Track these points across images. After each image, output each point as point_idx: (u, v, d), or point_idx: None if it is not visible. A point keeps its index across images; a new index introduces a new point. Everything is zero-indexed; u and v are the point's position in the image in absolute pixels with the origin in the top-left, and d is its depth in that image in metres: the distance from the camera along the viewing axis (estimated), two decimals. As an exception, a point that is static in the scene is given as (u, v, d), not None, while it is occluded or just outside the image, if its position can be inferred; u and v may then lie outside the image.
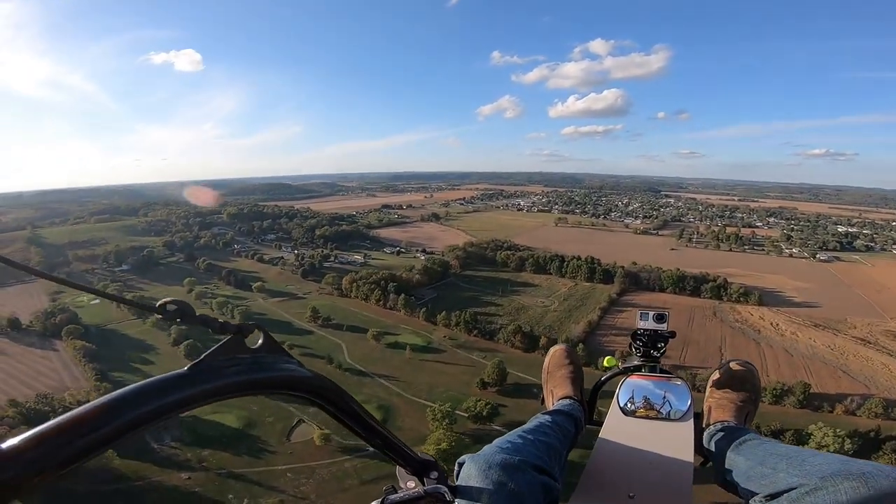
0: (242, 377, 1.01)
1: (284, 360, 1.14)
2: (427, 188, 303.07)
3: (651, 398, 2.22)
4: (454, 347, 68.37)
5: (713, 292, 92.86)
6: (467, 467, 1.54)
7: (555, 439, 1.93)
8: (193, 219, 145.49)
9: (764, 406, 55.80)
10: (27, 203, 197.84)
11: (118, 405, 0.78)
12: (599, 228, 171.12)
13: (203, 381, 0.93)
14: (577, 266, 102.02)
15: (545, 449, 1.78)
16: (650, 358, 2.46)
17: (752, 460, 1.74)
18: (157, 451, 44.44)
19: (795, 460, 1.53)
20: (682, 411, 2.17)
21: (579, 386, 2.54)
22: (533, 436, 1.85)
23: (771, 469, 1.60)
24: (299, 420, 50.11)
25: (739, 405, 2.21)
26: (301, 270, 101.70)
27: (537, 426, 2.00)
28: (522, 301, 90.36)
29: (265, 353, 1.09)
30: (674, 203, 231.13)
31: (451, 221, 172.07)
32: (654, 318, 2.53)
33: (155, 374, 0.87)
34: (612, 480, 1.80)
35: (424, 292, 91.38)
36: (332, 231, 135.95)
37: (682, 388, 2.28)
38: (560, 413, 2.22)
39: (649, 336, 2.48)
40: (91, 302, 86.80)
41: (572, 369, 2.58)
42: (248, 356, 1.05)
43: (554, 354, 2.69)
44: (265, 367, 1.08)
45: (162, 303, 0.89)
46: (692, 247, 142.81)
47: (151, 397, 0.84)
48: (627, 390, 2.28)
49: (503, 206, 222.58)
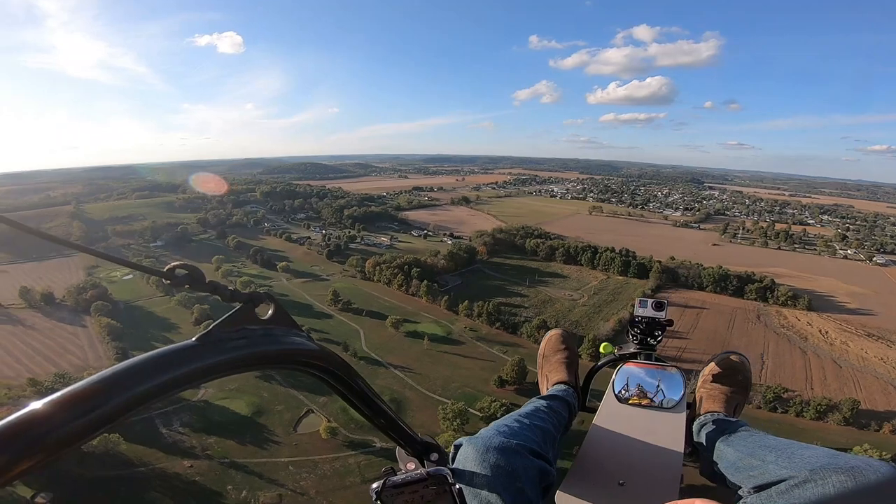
0: (252, 350, 0.98)
1: (294, 333, 1.11)
2: (459, 171, 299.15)
3: (645, 386, 2.22)
4: (474, 340, 65.50)
5: (758, 294, 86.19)
6: (465, 450, 1.55)
7: (550, 424, 1.95)
8: (227, 196, 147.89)
9: (804, 422, 51.17)
10: (77, 179, 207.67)
11: (121, 380, 0.74)
12: (636, 219, 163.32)
13: (212, 354, 0.89)
14: (611, 258, 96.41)
15: (541, 433, 1.80)
16: (646, 346, 2.45)
17: (742, 451, 1.74)
18: (165, 436, 44.25)
19: (785, 452, 1.54)
20: (674, 401, 2.16)
21: (574, 371, 2.52)
22: (529, 420, 1.87)
23: (760, 461, 1.60)
24: (308, 410, 48.93)
25: (730, 396, 2.22)
26: (326, 251, 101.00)
27: (533, 410, 2.01)
28: (550, 293, 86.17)
29: (275, 325, 1.06)
30: (718, 195, 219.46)
31: (481, 206, 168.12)
32: (652, 305, 2.51)
33: None
34: (603, 467, 1.84)
35: (448, 279, 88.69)
36: (361, 212, 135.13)
37: (676, 377, 2.26)
38: (555, 398, 2.22)
39: (647, 324, 2.46)
40: (123, 277, 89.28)
41: (567, 354, 2.58)
42: (259, 328, 1.02)
43: (550, 339, 2.68)
44: (276, 340, 1.05)
45: (171, 267, 0.86)
46: (737, 243, 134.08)
47: (158, 370, 0.80)
48: (622, 377, 2.27)
49: (536, 191, 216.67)
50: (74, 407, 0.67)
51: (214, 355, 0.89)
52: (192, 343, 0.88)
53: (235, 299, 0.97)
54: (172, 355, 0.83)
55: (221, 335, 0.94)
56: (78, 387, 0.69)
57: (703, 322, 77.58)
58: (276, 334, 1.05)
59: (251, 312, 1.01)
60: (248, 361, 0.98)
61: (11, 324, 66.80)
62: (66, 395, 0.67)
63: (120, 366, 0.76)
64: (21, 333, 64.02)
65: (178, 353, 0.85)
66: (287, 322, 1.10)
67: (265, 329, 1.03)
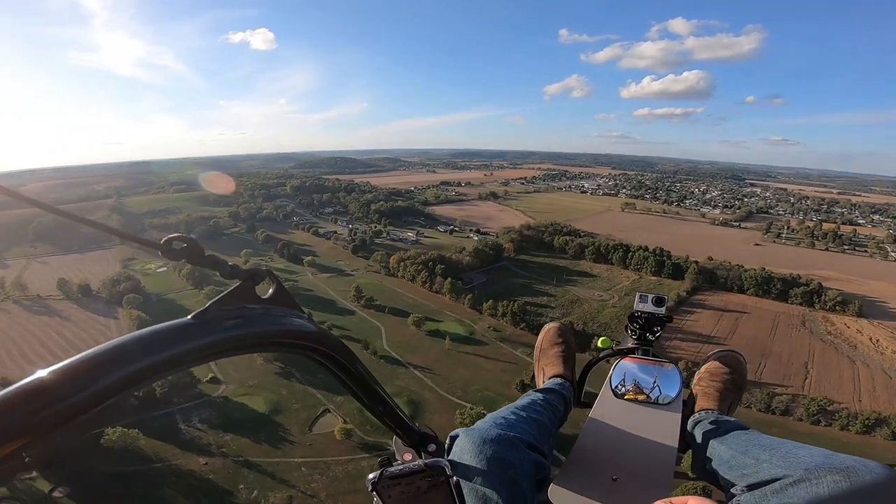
0: (250, 329, 0.94)
1: (295, 314, 1.07)
2: (488, 166, 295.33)
3: (641, 382, 2.21)
4: (498, 340, 63.47)
5: (804, 298, 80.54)
6: (461, 441, 1.55)
7: (546, 417, 1.96)
8: (259, 190, 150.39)
9: (848, 435, 47.68)
10: (120, 173, 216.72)
11: (113, 358, 0.70)
12: (671, 216, 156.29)
13: (208, 333, 0.85)
14: (644, 257, 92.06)
15: (537, 427, 1.81)
16: (645, 341, 2.43)
17: (735, 449, 1.72)
18: (184, 432, 44.65)
19: (779, 451, 1.53)
20: (670, 397, 2.14)
21: (571, 365, 2.51)
22: (525, 413, 1.87)
23: (754, 459, 1.59)
24: (325, 410, 48.34)
25: (724, 394, 2.21)
26: (352, 246, 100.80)
27: (530, 403, 2.00)
28: (578, 293, 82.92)
29: (276, 305, 1.02)
30: (760, 193, 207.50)
31: (509, 201, 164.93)
32: (653, 301, 2.49)
33: None
34: (597, 461, 1.84)
35: (473, 276, 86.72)
36: (388, 206, 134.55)
37: (673, 373, 2.24)
38: (551, 391, 2.22)
39: (646, 319, 2.45)
40: (157, 269, 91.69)
41: (565, 348, 2.56)
42: (259, 307, 0.98)
43: (548, 332, 2.65)
44: (275, 321, 1.00)
45: (168, 239, 0.81)
46: (781, 243, 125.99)
47: (152, 349, 0.75)
48: (620, 372, 2.26)
49: (566, 187, 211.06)
50: (66, 385, 0.63)
51: (211, 334, 0.85)
52: (187, 321, 0.84)
53: (235, 276, 0.93)
54: (167, 333, 0.80)
55: (219, 313, 0.89)
56: (66, 364, 0.66)
57: (743, 327, 73.01)
58: (276, 314, 1.01)
59: (251, 290, 0.96)
60: (246, 341, 0.94)
61: (48, 315, 69.44)
62: (56, 373, 0.64)
63: (112, 343, 0.72)
64: (56, 325, 66.39)
65: (174, 331, 0.81)
66: (288, 302, 1.05)
67: (265, 308, 0.99)
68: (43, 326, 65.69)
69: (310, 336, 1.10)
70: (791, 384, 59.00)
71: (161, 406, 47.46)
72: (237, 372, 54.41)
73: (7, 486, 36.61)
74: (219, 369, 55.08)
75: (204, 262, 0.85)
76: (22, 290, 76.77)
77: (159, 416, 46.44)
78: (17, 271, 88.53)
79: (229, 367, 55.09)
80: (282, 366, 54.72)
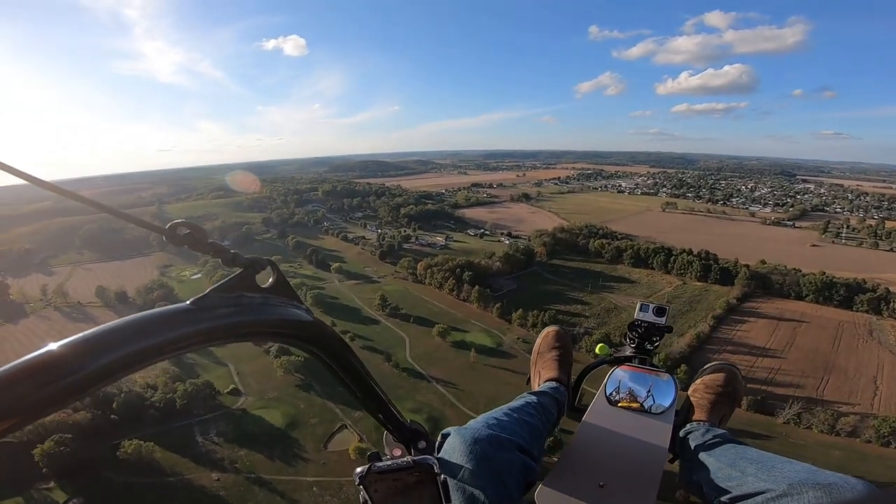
0: (248, 318, 0.94)
1: (294, 305, 1.07)
2: (520, 167, 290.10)
3: (636, 390, 2.21)
4: (527, 353, 58.81)
5: (871, 305, 72.29)
6: (452, 440, 1.56)
7: (538, 421, 1.96)
8: (291, 196, 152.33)
9: None
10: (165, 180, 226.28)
11: (111, 340, 0.71)
12: (717, 216, 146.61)
13: (206, 319, 0.85)
14: (688, 261, 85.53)
15: (529, 429, 1.82)
16: (643, 350, 2.45)
17: (722, 462, 1.73)
18: (200, 445, 43.89)
19: (765, 465, 1.55)
20: (663, 406, 2.15)
21: (567, 370, 2.50)
22: (518, 414, 1.87)
23: (740, 472, 1.60)
24: (342, 426, 46.50)
25: (717, 406, 2.19)
26: (379, 252, 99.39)
27: (523, 405, 2.00)
28: (615, 300, 77.83)
29: (275, 295, 1.02)
30: (814, 189, 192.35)
31: (542, 202, 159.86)
32: (654, 310, 2.52)
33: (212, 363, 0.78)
34: (586, 467, 1.85)
35: (503, 282, 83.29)
36: (417, 210, 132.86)
37: (668, 383, 2.25)
38: (545, 395, 2.21)
39: (646, 328, 2.47)
40: (192, 276, 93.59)
41: (562, 353, 2.55)
42: (258, 296, 0.98)
43: (546, 336, 2.65)
44: (273, 311, 1.00)
45: (172, 224, 0.82)
46: (840, 243, 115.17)
47: (150, 332, 0.76)
48: (615, 380, 2.27)
49: (602, 186, 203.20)
50: (57, 368, 0.63)
51: (208, 320, 0.85)
52: (186, 306, 0.84)
53: (236, 264, 0.94)
54: (165, 317, 0.80)
55: (217, 300, 0.89)
56: (67, 344, 0.66)
57: (802, 338, 66.14)
58: (274, 304, 1.01)
59: (251, 279, 0.96)
60: (243, 330, 0.94)
61: (86, 322, 71.39)
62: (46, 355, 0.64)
63: (110, 325, 0.72)
64: (93, 331, 68.00)
65: (171, 315, 0.81)
66: (287, 293, 1.05)
67: (264, 297, 0.99)
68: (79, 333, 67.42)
69: (307, 327, 1.09)
70: (858, 402, 52.63)
71: (181, 417, 47.11)
72: (258, 383, 53.56)
73: (24, 496, 36.78)
74: (240, 380, 54.51)
75: (206, 248, 0.86)
76: (63, 298, 79.60)
77: (178, 427, 46.04)
78: (61, 278, 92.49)
79: (250, 378, 54.42)
80: (302, 378, 53.42)
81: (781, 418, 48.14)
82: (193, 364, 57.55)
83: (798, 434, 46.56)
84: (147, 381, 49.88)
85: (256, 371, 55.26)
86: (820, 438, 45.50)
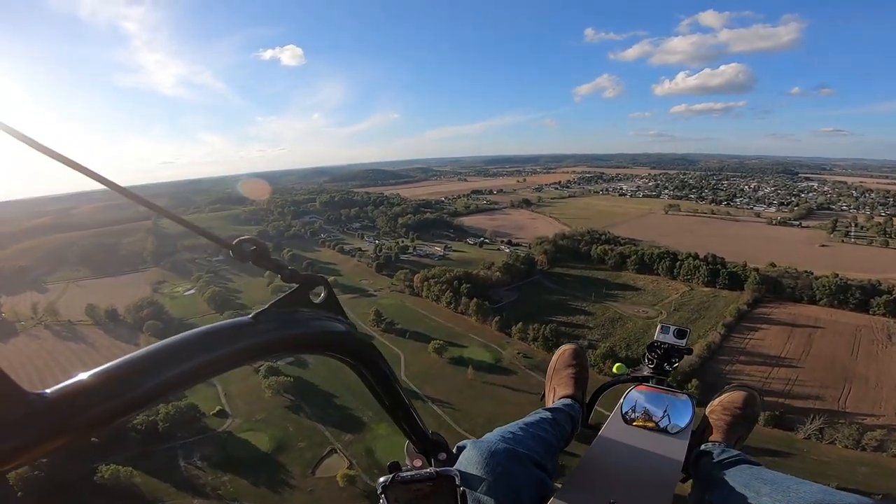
0: (301, 331, 0.99)
1: (340, 321, 1.12)
2: (520, 172, 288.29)
3: (652, 410, 2.20)
4: (527, 368, 57.24)
5: (888, 308, 68.96)
6: (468, 452, 1.59)
7: (552, 436, 1.98)
8: (288, 207, 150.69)
9: None
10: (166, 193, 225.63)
11: (177, 353, 0.74)
12: (722, 217, 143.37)
13: (265, 332, 0.90)
14: (694, 266, 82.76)
15: (544, 445, 1.85)
16: (661, 371, 2.45)
17: (736, 482, 1.73)
18: (182, 469, 41.89)
19: (780, 486, 1.56)
20: (679, 427, 2.13)
21: (582, 388, 2.51)
22: (534, 430, 1.91)
23: (754, 492, 1.60)
24: (331, 450, 44.13)
25: (733, 427, 2.19)
26: (375, 264, 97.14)
27: (538, 421, 2.02)
28: (620, 309, 75.17)
29: (325, 310, 1.08)
30: (818, 187, 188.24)
31: (542, 208, 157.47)
32: (674, 333, 2.54)
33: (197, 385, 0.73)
34: (597, 484, 1.83)
35: (503, 293, 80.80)
36: (416, 219, 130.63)
37: (685, 403, 2.23)
38: (560, 411, 2.23)
39: (665, 350, 2.48)
40: (185, 292, 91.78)
41: (578, 370, 2.56)
42: (310, 311, 1.04)
43: (563, 354, 2.66)
44: (323, 326, 1.06)
45: (239, 240, 0.86)
46: (850, 243, 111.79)
47: (215, 345, 0.80)
48: (632, 399, 2.27)
49: (603, 190, 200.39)
50: (124, 381, 0.65)
51: (267, 333, 0.90)
52: (248, 320, 0.89)
53: (294, 280, 0.99)
54: (231, 330, 0.84)
55: (275, 315, 0.95)
56: (127, 360, 0.68)
57: (818, 346, 63.25)
58: (325, 319, 1.06)
59: (305, 295, 1.02)
60: (295, 343, 1.00)
61: (75, 341, 69.60)
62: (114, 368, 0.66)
63: (179, 337, 0.75)
64: (81, 352, 66.04)
65: (236, 328, 0.85)
66: (335, 309, 1.11)
67: (316, 313, 1.05)
68: (67, 353, 65.58)
69: (351, 341, 1.16)
70: (882, 412, 49.58)
71: (165, 440, 44.94)
72: (245, 405, 51.30)
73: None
74: (228, 401, 52.27)
75: (269, 264, 0.91)
76: (54, 316, 77.80)
77: (161, 450, 43.96)
78: (54, 295, 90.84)
79: (238, 400, 52.17)
80: (292, 399, 51.20)
81: (802, 433, 45.41)
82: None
83: (820, 450, 43.81)
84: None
85: (245, 392, 52.99)
86: (844, 454, 43.01)
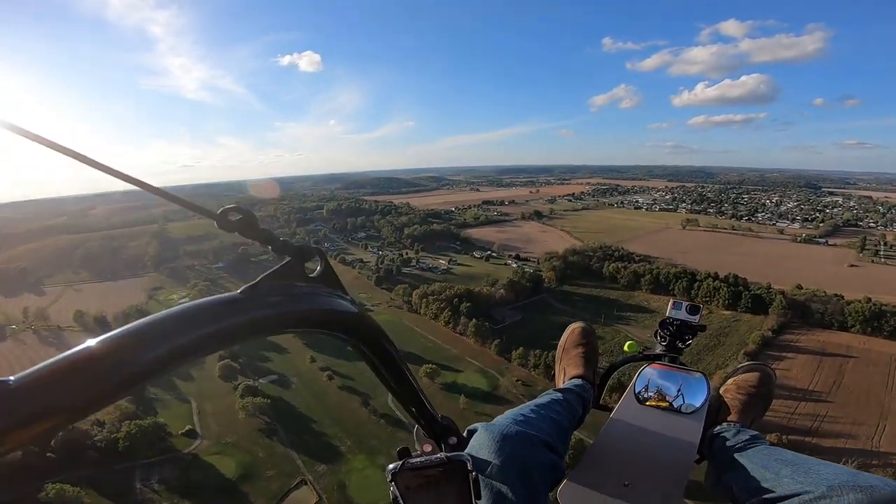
0: (296, 307, 0.91)
1: (339, 296, 1.03)
2: (534, 182, 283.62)
3: (665, 389, 2.15)
4: (525, 398, 52.12)
5: (925, 336, 62.76)
6: (479, 436, 1.56)
7: (564, 418, 1.93)
8: (294, 215, 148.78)
9: None
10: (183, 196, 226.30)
11: (160, 331, 0.68)
12: (743, 233, 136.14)
13: (256, 308, 0.82)
14: (714, 287, 77.02)
15: (555, 427, 1.79)
16: (674, 349, 2.38)
17: (755, 463, 1.70)
18: (137, 493, 38.67)
19: (802, 467, 1.53)
20: (694, 406, 2.08)
21: (592, 367, 2.43)
22: (545, 411, 1.85)
23: (774, 474, 1.59)
24: (301, 481, 40.21)
25: (749, 407, 2.14)
26: (375, 277, 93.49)
27: (549, 402, 1.97)
28: (632, 333, 69.72)
29: (322, 285, 0.99)
30: (843, 202, 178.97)
31: (554, 220, 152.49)
32: (687, 309, 2.45)
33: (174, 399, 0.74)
34: (611, 465, 1.81)
35: (506, 313, 76.22)
36: (422, 230, 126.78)
37: (699, 382, 2.17)
38: (571, 392, 2.16)
39: (678, 326, 2.40)
40: (179, 300, 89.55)
41: (588, 349, 2.49)
42: (306, 285, 0.95)
43: (572, 332, 2.56)
44: (321, 301, 0.97)
45: (224, 209, 0.80)
46: (880, 262, 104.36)
47: (200, 322, 0.73)
48: (644, 378, 2.21)
49: (618, 202, 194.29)
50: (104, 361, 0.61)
51: (259, 309, 0.82)
52: (236, 295, 0.81)
53: (286, 252, 0.91)
54: (215, 306, 0.77)
55: (268, 289, 0.86)
56: (107, 339, 0.63)
57: (850, 377, 57.68)
58: (322, 294, 0.97)
59: (300, 268, 0.93)
60: (292, 319, 0.91)
61: (58, 347, 66.73)
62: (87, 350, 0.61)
63: (160, 314, 0.69)
64: (61, 359, 63.68)
65: (222, 304, 0.78)
66: (333, 283, 1.02)
67: (312, 287, 0.96)
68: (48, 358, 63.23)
69: (352, 319, 1.06)
70: (922, 453, 44.05)
71: (125, 459, 41.68)
72: (218, 425, 47.89)
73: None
74: (200, 420, 48.97)
75: (258, 235, 0.83)
76: (44, 321, 76.05)
77: (119, 470, 40.76)
78: (51, 299, 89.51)
79: (210, 419, 48.82)
80: (267, 421, 47.54)
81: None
82: (154, 399, 52.39)
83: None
84: (96, 416, 44.84)
85: (220, 411, 49.57)
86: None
